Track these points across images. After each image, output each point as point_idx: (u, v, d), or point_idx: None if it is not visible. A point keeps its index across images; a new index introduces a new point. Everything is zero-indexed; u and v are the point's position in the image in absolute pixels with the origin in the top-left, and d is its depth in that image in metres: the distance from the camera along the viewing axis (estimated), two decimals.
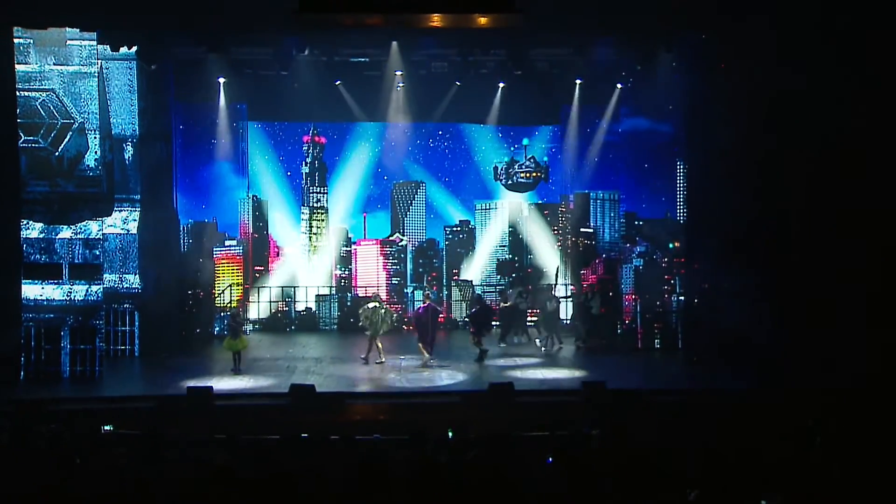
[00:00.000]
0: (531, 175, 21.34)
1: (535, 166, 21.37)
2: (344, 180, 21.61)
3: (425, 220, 22.00)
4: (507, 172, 21.44)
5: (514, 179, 21.42)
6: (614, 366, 15.91)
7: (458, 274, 21.78)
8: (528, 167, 21.33)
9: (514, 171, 21.34)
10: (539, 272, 20.55)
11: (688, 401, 13.06)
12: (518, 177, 21.33)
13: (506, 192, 21.82)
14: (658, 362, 16.33)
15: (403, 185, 21.87)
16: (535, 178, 21.43)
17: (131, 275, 17.03)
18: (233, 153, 20.33)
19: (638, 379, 14.60)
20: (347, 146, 21.55)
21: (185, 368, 15.69)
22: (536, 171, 21.38)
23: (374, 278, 21.64)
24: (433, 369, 15.44)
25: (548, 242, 21.66)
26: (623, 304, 17.96)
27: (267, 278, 21.37)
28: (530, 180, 21.40)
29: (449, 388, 14.08)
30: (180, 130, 18.72)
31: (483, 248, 21.98)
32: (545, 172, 21.45)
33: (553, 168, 21.76)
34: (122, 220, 17.05)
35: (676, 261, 17.47)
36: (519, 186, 21.54)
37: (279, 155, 21.36)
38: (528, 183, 21.45)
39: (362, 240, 21.91)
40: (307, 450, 8.20)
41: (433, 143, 21.74)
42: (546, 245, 21.64)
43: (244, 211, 20.88)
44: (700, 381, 14.63)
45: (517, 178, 21.36)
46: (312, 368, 15.69)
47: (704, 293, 15.62)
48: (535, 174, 21.38)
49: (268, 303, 21.31)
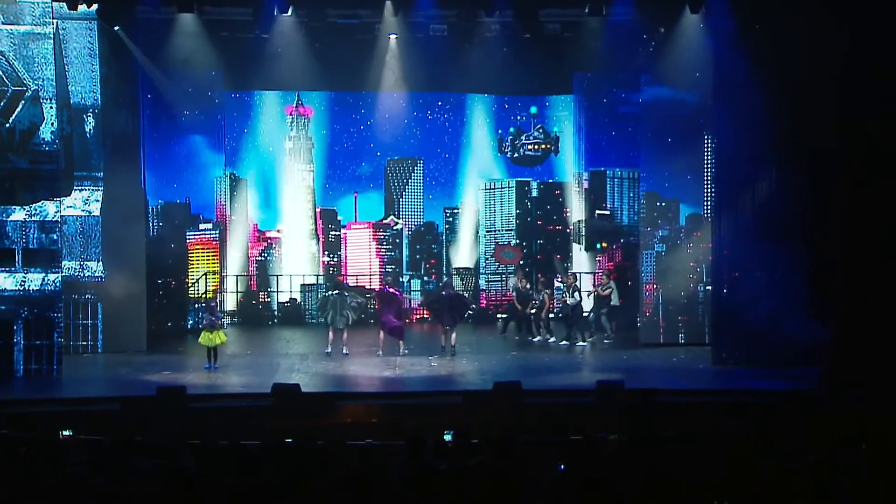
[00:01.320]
0: (540, 147, 21.28)
1: (544, 137, 21.31)
2: (332, 157, 21.57)
3: (423, 201, 21.97)
4: (514, 144, 21.37)
5: (521, 152, 21.36)
6: (633, 363, 15.90)
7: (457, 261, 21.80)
8: (537, 138, 21.27)
9: (521, 143, 21.27)
10: (551, 260, 20.49)
11: (716, 403, 13.06)
12: (525, 149, 21.27)
13: (513, 170, 21.77)
14: (682, 360, 16.32)
15: (398, 162, 21.84)
16: (545, 151, 21.37)
17: (93, 261, 16.99)
18: (208, 126, 20.26)
19: (660, 378, 14.58)
20: (336, 118, 21.50)
21: (155, 366, 15.67)
22: (546, 143, 21.31)
23: (367, 265, 21.65)
24: (431, 366, 15.45)
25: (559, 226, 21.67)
26: (643, 295, 17.93)
27: (246, 265, 21.34)
28: (539, 153, 21.33)
29: (449, 388, 14.08)
30: (148, 100, 18.61)
31: (487, 232, 21.96)
32: (555, 144, 21.40)
33: (565, 143, 21.70)
34: (83, 201, 16.99)
35: (703, 247, 17.42)
36: (526, 160, 21.48)
37: (259, 128, 21.30)
38: (537, 156, 21.39)
39: (353, 223, 21.90)
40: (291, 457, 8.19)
41: (431, 114, 21.68)
42: (556, 229, 21.63)
43: (221, 191, 20.84)
44: (730, 381, 14.61)
45: (524, 151, 21.30)
46: (297, 366, 15.70)
47: (735, 283, 15.58)
48: (545, 146, 21.32)
49: (247, 293, 21.29)
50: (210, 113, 20.26)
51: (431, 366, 15.67)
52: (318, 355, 16.58)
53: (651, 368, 15.56)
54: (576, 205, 21.58)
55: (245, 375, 14.91)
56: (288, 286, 21.48)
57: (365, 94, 21.21)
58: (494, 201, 22.03)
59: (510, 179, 21.88)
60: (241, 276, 21.28)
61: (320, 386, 14.11)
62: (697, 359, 16.23)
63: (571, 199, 21.67)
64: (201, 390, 13.83)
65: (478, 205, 21.99)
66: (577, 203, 21.51)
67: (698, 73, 16.90)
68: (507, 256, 21.58)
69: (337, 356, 16.37)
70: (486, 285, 22.04)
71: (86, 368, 15.98)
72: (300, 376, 14.52)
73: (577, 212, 21.55)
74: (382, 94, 21.01)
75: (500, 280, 20.07)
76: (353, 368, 15.51)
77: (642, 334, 17.89)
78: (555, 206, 21.92)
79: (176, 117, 19.47)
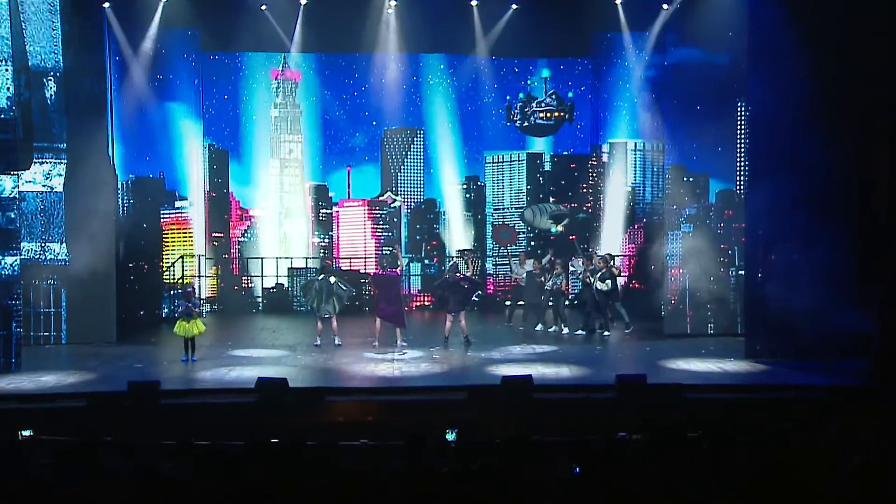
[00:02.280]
0: (552, 114, 21.23)
1: (557, 103, 21.25)
2: (323, 126, 21.56)
3: (423, 176, 21.96)
4: (523, 112, 21.32)
5: (531, 120, 21.31)
6: (656, 356, 15.91)
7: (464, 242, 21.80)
8: (549, 105, 21.21)
9: (532, 110, 21.22)
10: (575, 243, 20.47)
11: (750, 400, 13.07)
12: (536, 117, 21.22)
13: (524, 142, 21.73)
14: (712, 352, 16.29)
15: (397, 133, 21.82)
16: (558, 119, 21.31)
17: (56, 243, 16.98)
18: (184, 92, 20.25)
19: (686, 373, 14.57)
20: (327, 83, 21.47)
21: (126, 359, 15.68)
22: (559, 110, 21.25)
23: (361, 247, 21.64)
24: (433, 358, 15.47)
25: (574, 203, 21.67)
26: (668, 280, 17.91)
27: (227, 247, 21.34)
28: (551, 121, 21.28)
29: (453, 382, 14.09)
30: (116, 63, 18.57)
31: (495, 210, 21.96)
32: (570, 112, 21.34)
33: (582, 111, 21.67)
34: (44, 175, 16.96)
35: (735, 227, 17.39)
36: (537, 129, 21.45)
37: (242, 94, 21.26)
38: (549, 125, 21.34)
39: (346, 200, 21.91)
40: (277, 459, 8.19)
41: (433, 79, 21.65)
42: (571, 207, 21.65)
43: (198, 164, 20.80)
44: (765, 375, 14.61)
45: (535, 119, 21.25)
46: (284, 358, 15.72)
47: (770, 266, 15.54)
48: (558, 113, 21.26)
49: (228, 277, 21.31)
50: (186, 77, 20.24)
51: (433, 358, 15.68)
52: (308, 347, 16.60)
53: (677, 361, 15.53)
54: (593, 179, 21.55)
55: (226, 369, 14.91)
56: (274, 270, 21.49)
57: (359, 56, 21.19)
58: (503, 176, 22.01)
59: (520, 152, 21.88)
60: (221, 259, 21.28)
61: (310, 380, 14.11)
62: (729, 351, 16.20)
63: (588, 172, 21.64)
64: (177, 385, 13.84)
65: (485, 180, 21.97)
66: (595, 177, 21.48)
67: (731, 31, 16.83)
68: (503, 237, 21.66)
69: (328, 347, 16.38)
70: (494, 269, 22.06)
71: (48, 362, 15.95)
72: (287, 370, 14.52)
73: (595, 188, 21.54)
74: (379, 55, 21.00)
75: (509, 263, 20.07)
76: (346, 361, 15.52)
77: (667, 324, 17.90)
78: (570, 181, 21.91)
79: (148, 82, 19.39)
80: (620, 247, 20.99)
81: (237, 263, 21.59)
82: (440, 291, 16.83)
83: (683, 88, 17.62)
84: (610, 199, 21.44)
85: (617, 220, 21.31)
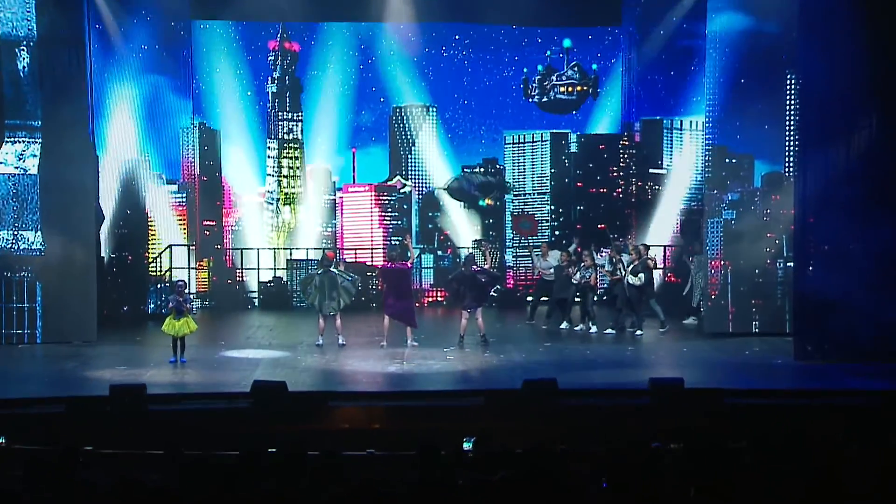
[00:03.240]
0: (574, 89, 21.16)
1: (579, 77, 21.17)
2: (325, 103, 21.53)
3: (436, 159, 21.92)
4: (542, 86, 21.24)
5: (550, 95, 21.25)
6: (695, 358, 15.87)
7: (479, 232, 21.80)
8: (571, 78, 21.14)
9: (552, 84, 21.16)
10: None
11: (799, 406, 13.01)
12: (557, 91, 21.16)
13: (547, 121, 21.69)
14: (757, 353, 16.25)
15: (407, 110, 21.81)
16: (581, 94, 21.25)
17: (30, 231, 16.99)
18: (171, 64, 20.24)
19: (729, 375, 14.56)
20: (330, 56, 21.46)
21: (108, 360, 15.70)
22: (582, 84, 21.18)
23: (367, 237, 21.66)
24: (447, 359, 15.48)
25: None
26: (708, 273, 17.86)
27: (220, 237, 21.36)
28: (573, 96, 21.22)
29: (469, 386, 14.10)
30: (97, 31, 18.58)
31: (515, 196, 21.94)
32: (594, 85, 21.26)
33: (612, 87, 21.59)
34: (16, 156, 16.99)
35: (783, 213, 17.31)
36: (557, 105, 21.38)
37: (236, 67, 21.26)
38: (571, 100, 21.28)
39: (350, 185, 21.92)
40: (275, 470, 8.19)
41: (447, 51, 21.65)
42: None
43: (188, 144, 20.86)
44: (816, 379, 14.57)
45: (555, 94, 21.20)
46: (282, 360, 15.74)
47: (823, 258, 15.47)
48: (581, 87, 21.18)
49: (221, 270, 21.34)
50: (174, 48, 20.24)
51: (447, 359, 15.68)
52: (309, 347, 16.61)
53: (718, 363, 15.51)
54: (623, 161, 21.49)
55: (219, 371, 14.94)
56: (271, 262, 21.51)
57: (366, 26, 21.23)
58: (524, 158, 21.99)
59: (544, 132, 21.83)
60: (213, 250, 21.30)
61: (311, 384, 14.12)
62: (776, 352, 16.17)
63: (618, 154, 21.58)
64: (165, 389, 13.86)
65: (504, 162, 21.93)
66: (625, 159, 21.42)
67: None
68: (523, 227, 21.65)
69: (331, 348, 16.39)
70: (514, 261, 22.03)
71: (22, 363, 16.03)
72: (286, 372, 14.54)
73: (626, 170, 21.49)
74: (387, 25, 21.03)
75: (530, 256, 20.04)
76: (351, 362, 15.54)
77: (707, 322, 17.84)
78: (599, 163, 21.85)
79: (132, 53, 19.40)
80: (655, 236, 20.89)
81: (230, 255, 21.61)
82: (455, 286, 16.81)
83: (726, 59, 17.52)
84: (643, 184, 21.36)
85: (651, 207, 21.22)
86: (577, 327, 18.24)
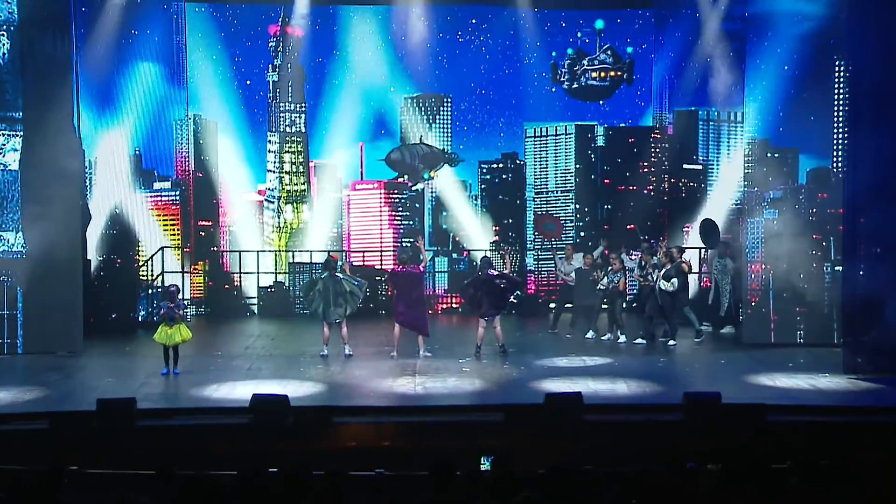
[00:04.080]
0: (607, 74, 21.10)
1: (613, 61, 21.12)
2: (331, 93, 21.54)
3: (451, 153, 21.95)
4: (572, 71, 21.20)
5: (581, 81, 21.21)
6: (732, 370, 15.84)
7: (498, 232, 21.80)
8: (604, 62, 21.09)
9: (583, 69, 21.11)
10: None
11: (849, 425, 13.00)
12: (588, 77, 21.11)
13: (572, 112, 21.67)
14: (801, 366, 16.21)
15: (419, 101, 21.82)
16: (614, 79, 21.20)
17: (10, 232, 17.08)
18: (164, 51, 20.30)
19: (770, 391, 14.52)
20: (335, 41, 21.47)
21: (95, 372, 15.77)
22: (616, 69, 21.14)
23: (377, 238, 21.67)
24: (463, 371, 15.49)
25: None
26: (748, 278, 17.83)
27: (217, 238, 21.40)
28: (606, 81, 21.18)
29: (487, 401, 14.10)
30: (83, 15, 18.64)
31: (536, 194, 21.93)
32: (628, 70, 21.20)
33: (643, 74, 21.55)
34: None
35: (831, 213, 17.27)
36: (588, 92, 21.34)
37: (233, 54, 21.30)
38: (603, 86, 21.24)
39: (358, 182, 21.93)
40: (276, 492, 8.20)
41: (463, 36, 21.63)
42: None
43: (181, 138, 20.91)
44: (867, 395, 14.53)
45: (587, 80, 21.15)
46: (285, 371, 15.75)
47: (875, 261, 15.43)
48: (615, 73, 21.14)
49: (218, 274, 21.37)
50: (166, 33, 20.28)
51: (463, 371, 15.68)
52: (313, 358, 16.64)
53: (758, 377, 15.43)
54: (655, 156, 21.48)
55: (214, 384, 14.95)
56: (272, 265, 21.54)
57: (375, 9, 21.23)
58: (546, 153, 21.96)
59: (568, 124, 21.81)
60: (209, 252, 21.35)
61: (315, 398, 14.15)
62: (822, 365, 16.12)
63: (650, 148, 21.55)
64: (157, 403, 13.90)
65: (525, 157, 21.93)
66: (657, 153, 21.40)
67: None
68: (547, 230, 21.62)
69: (336, 359, 16.43)
70: (535, 264, 22.00)
71: (1, 375, 16.06)
72: (289, 385, 14.56)
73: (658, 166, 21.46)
74: (397, 8, 21.02)
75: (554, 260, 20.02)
76: (359, 375, 15.56)
77: (746, 331, 17.84)
78: (628, 158, 21.81)
79: (121, 38, 19.46)
80: (689, 238, 20.86)
81: (227, 257, 21.64)
82: (471, 291, 16.80)
83: (768, 44, 17.52)
84: (676, 181, 21.32)
85: (685, 206, 21.18)
86: (604, 336, 18.24)
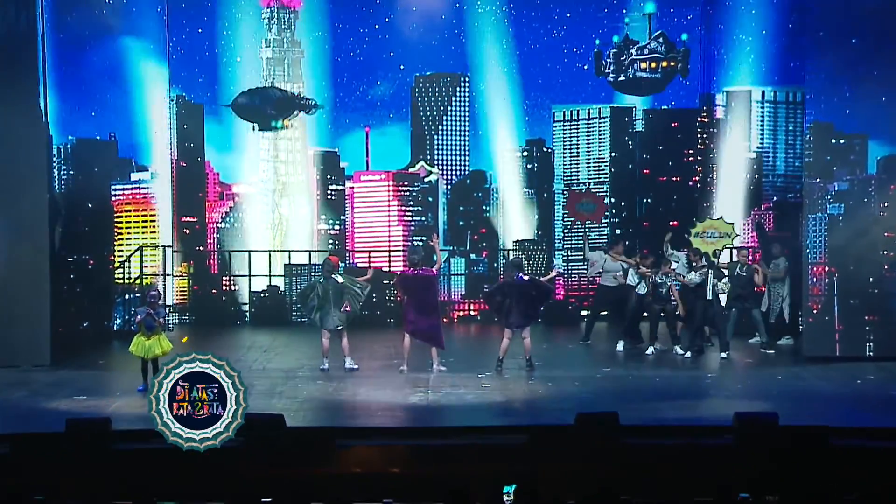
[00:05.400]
0: (659, 64, 21.09)
1: (665, 50, 21.12)
2: (333, 72, 21.59)
3: (469, 140, 21.97)
4: (619, 62, 21.17)
5: (629, 73, 21.24)
6: (792, 387, 15.83)
7: None
8: (656, 51, 21.09)
9: (631, 59, 21.11)
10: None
11: None
12: (637, 67, 21.13)
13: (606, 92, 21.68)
14: (871, 382, 16.17)
15: (433, 80, 21.86)
16: (667, 71, 21.19)
17: None
18: (143, 24, 20.34)
19: (836, 410, 14.50)
20: (337, 14, 21.51)
21: (64, 388, 15.77)
22: (669, 59, 21.12)
23: (384, 236, 21.68)
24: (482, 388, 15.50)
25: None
26: (808, 282, 17.79)
27: (203, 236, 21.44)
28: (658, 74, 21.22)
29: (510, 420, 14.09)
30: None
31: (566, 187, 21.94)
32: (683, 60, 21.15)
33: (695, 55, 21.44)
34: None
35: None
36: (638, 85, 21.32)
37: (223, 28, 21.35)
38: (655, 79, 21.24)
39: (363, 172, 21.95)
40: None
41: (482, 6, 21.60)
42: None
43: (163, 122, 20.91)
44: None
45: (635, 71, 21.16)
46: (280, 388, 15.77)
47: None
48: (667, 63, 21.14)
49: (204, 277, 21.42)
50: (146, 5, 20.32)
51: (482, 387, 15.68)
52: (312, 371, 16.66)
53: (821, 395, 15.44)
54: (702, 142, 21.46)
55: None
56: (265, 267, 21.56)
57: None
58: (578, 139, 21.96)
59: (603, 106, 21.77)
60: (194, 252, 21.39)
61: (314, 418, 14.19)
62: (894, 381, 16.08)
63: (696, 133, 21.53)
64: (134, 424, 13.84)
65: (553, 144, 21.92)
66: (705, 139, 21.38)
67: None
68: (585, 210, 20.97)
69: (338, 373, 16.45)
70: (566, 266, 21.97)
71: None
72: (285, 403, 14.60)
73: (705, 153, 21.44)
74: None
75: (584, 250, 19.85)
76: (364, 391, 15.56)
77: (807, 343, 17.81)
78: (671, 145, 21.79)
79: (94, 10, 19.52)
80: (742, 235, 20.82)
81: (216, 258, 21.68)
82: (499, 298, 16.67)
83: (833, 17, 17.49)
84: (726, 170, 21.30)
85: (736, 199, 21.15)
86: (648, 350, 18.18)
